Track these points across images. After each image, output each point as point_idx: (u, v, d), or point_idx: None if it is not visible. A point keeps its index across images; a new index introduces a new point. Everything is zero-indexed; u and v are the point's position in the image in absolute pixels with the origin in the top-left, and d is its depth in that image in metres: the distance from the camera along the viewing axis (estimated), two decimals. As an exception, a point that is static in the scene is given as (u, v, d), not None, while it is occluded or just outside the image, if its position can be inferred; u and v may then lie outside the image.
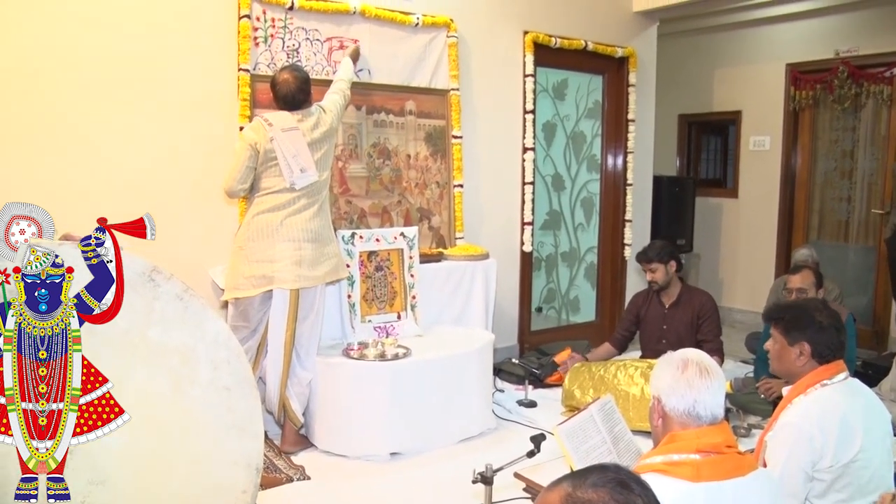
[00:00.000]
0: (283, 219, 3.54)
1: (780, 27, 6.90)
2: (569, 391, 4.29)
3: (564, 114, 6.13)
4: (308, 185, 3.59)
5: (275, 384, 3.66)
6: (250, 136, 3.57)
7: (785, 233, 6.99)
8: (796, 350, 2.46)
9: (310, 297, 3.64)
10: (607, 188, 6.15)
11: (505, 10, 5.23)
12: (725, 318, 6.47)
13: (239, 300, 3.60)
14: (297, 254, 3.54)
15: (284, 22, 4.23)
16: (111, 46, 3.77)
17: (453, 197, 4.93)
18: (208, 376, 2.17)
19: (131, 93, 3.84)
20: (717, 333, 4.49)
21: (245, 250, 3.56)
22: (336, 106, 3.86)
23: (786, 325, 2.50)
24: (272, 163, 3.55)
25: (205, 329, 2.15)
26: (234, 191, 3.62)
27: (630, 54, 5.90)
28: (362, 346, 3.85)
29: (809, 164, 6.88)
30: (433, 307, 4.44)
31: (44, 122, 3.64)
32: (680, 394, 1.91)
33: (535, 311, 6.07)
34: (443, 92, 4.87)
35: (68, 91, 3.69)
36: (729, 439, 1.89)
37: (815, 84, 6.61)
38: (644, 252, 4.63)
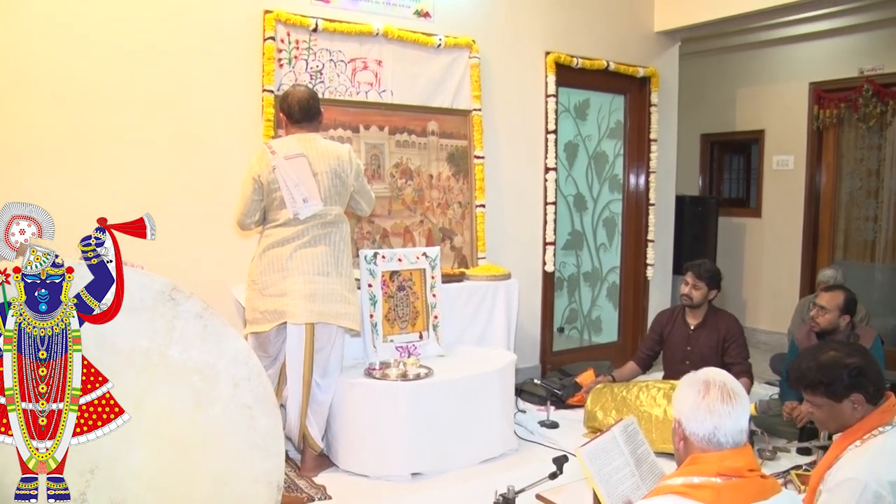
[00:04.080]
0: (293, 251, 3.44)
1: (803, 46, 6.86)
2: (591, 412, 4.24)
3: (586, 134, 6.12)
4: (315, 217, 3.47)
5: (295, 414, 3.59)
6: (254, 168, 3.45)
7: (809, 253, 6.90)
8: (848, 405, 2.30)
9: (327, 331, 3.54)
10: (629, 208, 6.11)
11: (526, 30, 5.25)
12: (749, 339, 6.34)
13: (257, 334, 3.53)
14: (309, 287, 3.43)
15: (308, 43, 4.27)
16: (136, 67, 3.83)
17: (475, 217, 4.92)
18: (229, 394, 2.17)
19: (156, 112, 3.89)
20: (745, 356, 4.40)
21: (258, 284, 3.49)
22: (365, 183, 3.71)
23: (827, 388, 2.33)
24: (277, 193, 3.43)
25: (225, 347, 2.16)
26: (244, 224, 3.55)
27: (652, 74, 5.89)
28: (384, 366, 3.83)
29: (834, 183, 6.79)
30: (455, 327, 4.42)
31: (69, 142, 3.69)
32: (700, 419, 1.88)
33: (557, 332, 6.03)
34: (465, 112, 4.89)
35: (93, 112, 3.74)
36: (751, 463, 1.86)
37: (840, 103, 6.56)
38: (698, 265, 4.50)
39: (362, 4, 4.49)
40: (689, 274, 4.51)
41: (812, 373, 2.39)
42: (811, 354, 2.46)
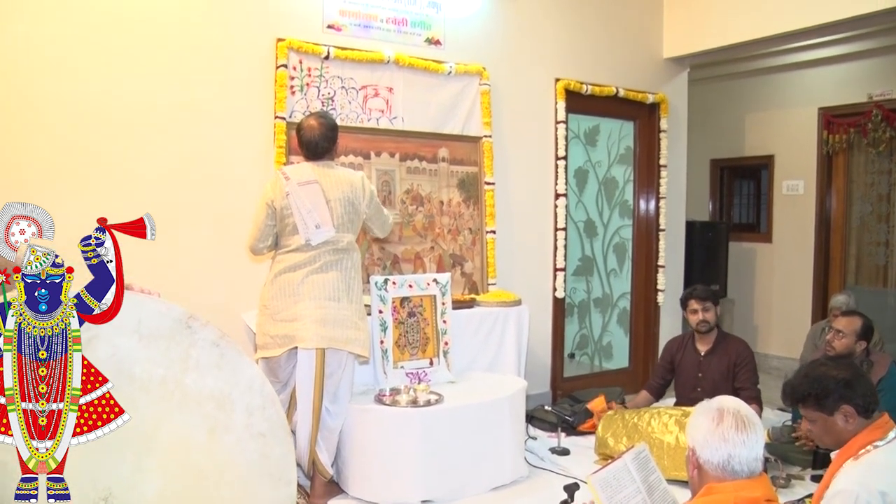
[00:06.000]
0: (304, 277, 3.46)
1: (812, 72, 6.91)
2: (602, 439, 4.23)
3: (596, 160, 6.15)
4: (327, 243, 3.50)
5: (304, 440, 3.59)
6: (268, 193, 3.51)
7: (821, 277, 6.90)
8: (840, 417, 2.35)
9: (337, 356, 3.55)
10: (640, 234, 6.13)
11: (536, 57, 5.30)
12: (761, 364, 6.35)
13: (268, 359, 3.55)
14: (319, 312, 3.45)
15: (321, 71, 4.32)
16: (149, 93, 3.87)
17: (486, 243, 4.94)
18: (243, 422, 2.18)
19: (168, 139, 3.93)
20: (754, 381, 4.38)
21: (269, 309, 3.51)
22: (379, 206, 3.73)
23: (816, 399, 2.39)
24: (290, 219, 3.47)
25: (240, 375, 2.17)
26: (256, 249, 3.58)
27: (661, 100, 5.93)
28: (394, 393, 3.84)
29: (845, 207, 6.82)
30: (465, 353, 4.43)
31: (79, 167, 3.72)
32: (714, 447, 1.89)
33: (568, 358, 6.02)
34: (475, 139, 4.92)
35: (105, 138, 3.78)
36: (768, 493, 1.86)
37: (849, 128, 6.60)
38: (694, 291, 4.52)
39: (374, 32, 4.55)
40: (691, 302, 4.51)
41: (802, 386, 2.46)
42: (802, 371, 2.55)
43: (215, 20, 4.06)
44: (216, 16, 4.07)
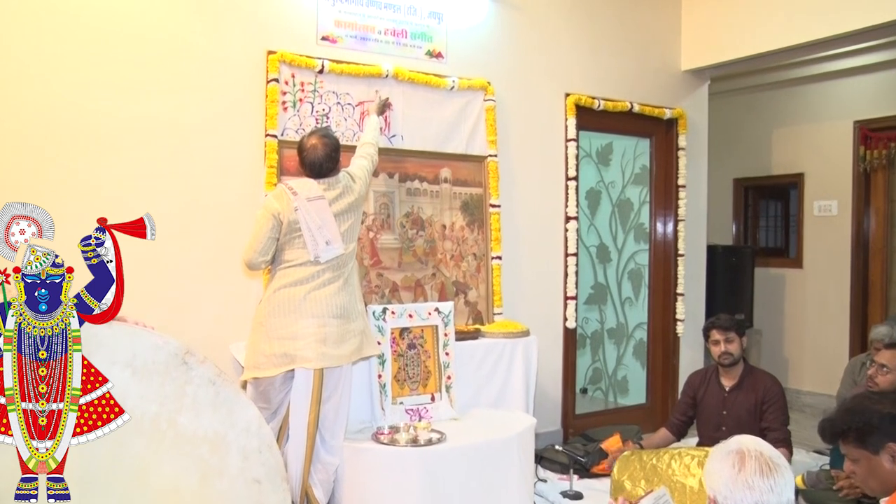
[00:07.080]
0: (307, 293, 3.58)
1: (847, 82, 6.94)
2: (618, 482, 4.23)
3: (609, 180, 6.20)
4: (333, 259, 3.66)
5: (297, 471, 3.64)
6: (273, 206, 3.61)
7: (859, 306, 6.89)
8: (887, 457, 2.27)
9: (334, 377, 3.65)
10: (657, 259, 6.15)
11: (545, 71, 5.38)
12: (793, 402, 6.34)
13: (259, 380, 3.61)
14: (322, 331, 3.55)
15: (314, 86, 4.42)
16: (133, 109, 3.96)
17: (491, 270, 4.98)
18: (238, 466, 2.24)
19: (153, 157, 4.01)
20: (783, 422, 4.34)
21: (265, 326, 3.59)
22: (364, 172, 3.92)
23: (859, 435, 2.32)
24: (296, 234, 3.59)
25: (237, 416, 2.23)
26: (255, 263, 3.66)
27: (679, 115, 5.98)
28: (393, 431, 3.87)
29: (885, 229, 6.82)
30: (470, 388, 4.44)
31: (64, 187, 3.79)
32: (739, 497, 1.85)
33: (580, 393, 6.03)
34: (480, 158, 4.99)
35: (90, 155, 3.87)
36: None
37: (889, 142, 6.62)
38: (716, 320, 4.51)
39: (371, 45, 4.65)
40: (714, 332, 4.50)
41: (841, 419, 2.40)
42: (844, 405, 2.48)
43: (200, 31, 4.14)
44: (201, 27, 4.14)
